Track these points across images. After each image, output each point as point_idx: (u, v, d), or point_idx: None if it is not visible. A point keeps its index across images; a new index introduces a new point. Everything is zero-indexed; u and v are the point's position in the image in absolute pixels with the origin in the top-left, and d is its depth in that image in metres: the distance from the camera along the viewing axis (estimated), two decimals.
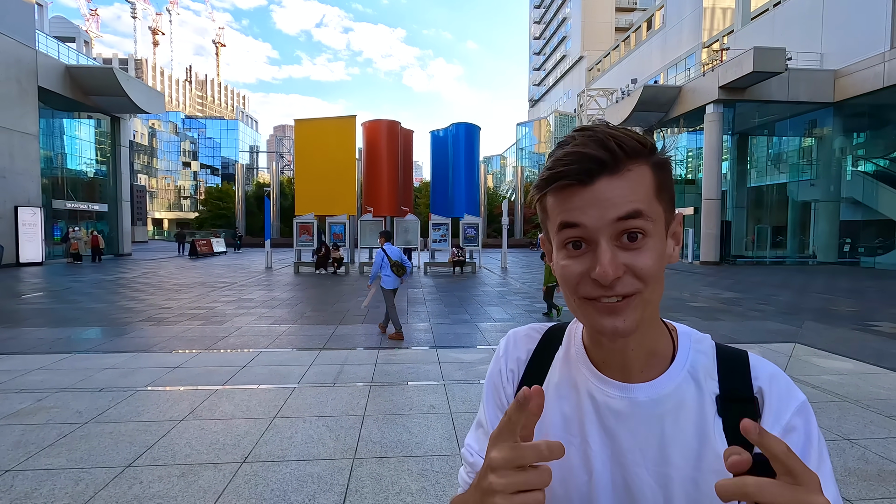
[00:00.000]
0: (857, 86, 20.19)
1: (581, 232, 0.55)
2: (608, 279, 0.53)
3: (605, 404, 0.62)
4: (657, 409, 0.61)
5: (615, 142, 0.54)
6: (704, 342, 0.66)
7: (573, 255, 0.57)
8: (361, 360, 5.77)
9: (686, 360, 0.63)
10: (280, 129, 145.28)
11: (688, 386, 0.61)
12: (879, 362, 5.64)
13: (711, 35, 37.07)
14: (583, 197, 0.54)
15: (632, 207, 0.54)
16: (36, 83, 19.91)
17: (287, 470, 3.08)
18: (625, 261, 0.54)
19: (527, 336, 0.75)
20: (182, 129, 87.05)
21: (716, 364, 0.63)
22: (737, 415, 0.58)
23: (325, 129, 19.66)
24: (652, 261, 0.55)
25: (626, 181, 0.54)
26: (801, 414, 0.58)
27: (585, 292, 0.56)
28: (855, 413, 4.07)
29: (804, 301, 10.99)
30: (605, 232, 0.54)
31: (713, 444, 0.58)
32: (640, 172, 0.56)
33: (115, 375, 5.07)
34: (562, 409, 0.66)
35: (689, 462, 0.59)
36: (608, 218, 0.54)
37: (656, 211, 0.57)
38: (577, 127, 0.58)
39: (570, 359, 0.69)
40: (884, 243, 21.77)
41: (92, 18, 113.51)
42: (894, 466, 3.14)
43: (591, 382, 0.64)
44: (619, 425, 0.61)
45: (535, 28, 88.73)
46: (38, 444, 3.41)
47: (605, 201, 0.54)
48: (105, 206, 26.21)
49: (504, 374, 0.73)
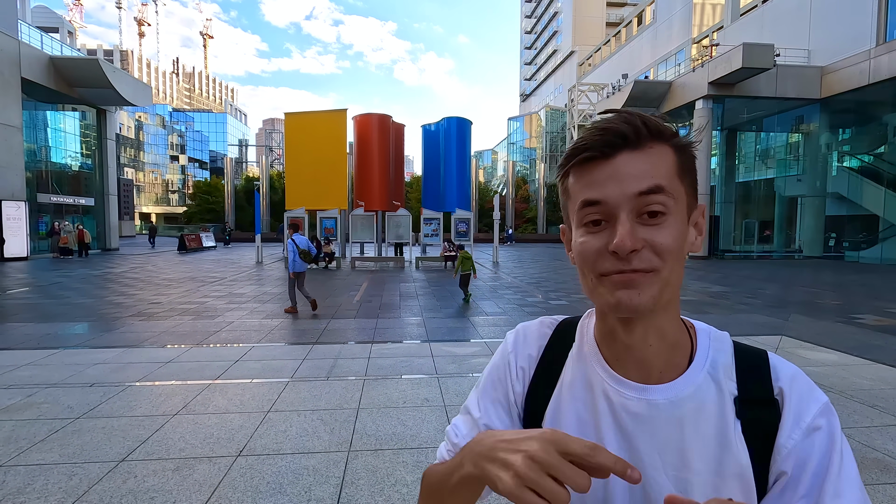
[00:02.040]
0: (844, 82, 20.47)
1: (601, 209, 0.54)
2: (626, 249, 0.52)
3: (621, 405, 0.60)
4: (676, 411, 0.58)
5: (640, 119, 0.55)
6: (724, 341, 0.63)
7: (592, 232, 0.56)
8: (355, 353, 5.78)
9: (706, 359, 0.61)
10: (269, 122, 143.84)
11: (708, 387, 0.59)
12: (863, 354, 5.77)
13: (701, 31, 37.29)
14: (603, 170, 0.54)
15: (653, 182, 0.53)
16: (19, 74, 19.49)
17: (282, 463, 3.10)
18: (644, 235, 0.53)
19: (538, 331, 0.73)
20: (169, 123, 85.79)
21: (734, 364, 0.61)
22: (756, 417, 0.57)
23: (315, 123, 19.51)
24: (672, 238, 0.54)
25: (648, 156, 0.54)
26: (824, 415, 0.56)
27: (603, 268, 0.55)
28: (839, 403, 4.17)
29: (790, 294, 11.18)
30: (625, 206, 0.53)
31: (734, 448, 0.56)
32: (661, 151, 0.55)
33: (106, 371, 5.03)
34: (576, 410, 0.64)
35: (709, 467, 0.57)
36: (628, 192, 0.53)
37: (678, 189, 0.56)
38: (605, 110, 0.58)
39: (584, 356, 0.66)
40: (868, 238, 22.18)
41: (75, 8, 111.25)
42: (876, 454, 3.23)
43: (607, 382, 0.62)
44: (636, 428, 0.59)
45: (527, 22, 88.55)
46: (29, 440, 3.39)
47: (625, 175, 0.53)
48: (91, 200, 25.81)
49: (513, 371, 0.70)
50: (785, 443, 0.55)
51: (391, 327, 7.44)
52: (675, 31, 39.65)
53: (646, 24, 45.90)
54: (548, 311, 9.20)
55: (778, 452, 0.56)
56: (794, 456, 0.55)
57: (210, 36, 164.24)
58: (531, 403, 0.68)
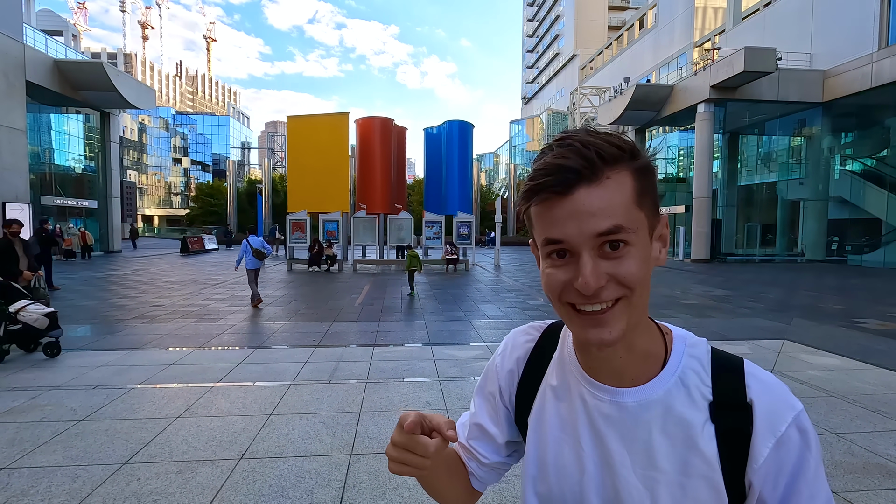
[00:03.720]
0: (846, 86, 20.47)
1: (564, 245, 0.55)
2: (590, 290, 0.53)
3: (595, 407, 0.64)
4: (645, 413, 0.61)
5: (594, 150, 0.54)
6: (699, 347, 0.65)
7: (557, 265, 0.57)
8: (356, 357, 5.79)
9: (678, 365, 0.63)
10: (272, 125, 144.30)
11: (678, 391, 0.61)
12: (865, 358, 5.75)
13: (703, 34, 37.34)
14: (563, 207, 0.54)
15: (611, 223, 0.53)
16: (24, 77, 19.60)
17: (285, 466, 3.10)
18: (607, 270, 0.54)
19: (526, 335, 0.77)
20: (172, 125, 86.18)
21: (710, 370, 0.63)
22: (728, 422, 0.59)
23: (318, 126, 19.57)
24: (635, 268, 0.55)
25: (605, 190, 0.54)
26: (797, 423, 0.58)
27: (569, 298, 0.56)
28: (842, 408, 4.16)
29: (793, 298, 11.15)
30: (586, 245, 0.54)
31: (701, 450, 0.59)
32: (619, 180, 0.55)
33: (109, 373, 5.05)
34: (558, 411, 0.68)
35: (675, 467, 0.59)
36: (588, 233, 0.53)
37: (637, 219, 0.56)
38: (556, 136, 0.58)
39: (564, 361, 0.70)
40: (870, 241, 22.12)
41: (80, 12, 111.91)
42: (879, 459, 3.22)
43: (583, 386, 0.66)
44: (607, 428, 0.63)
45: (529, 26, 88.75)
46: (33, 442, 3.40)
47: (584, 214, 0.53)
48: (94, 203, 25.89)
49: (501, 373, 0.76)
50: (760, 451, 0.57)
51: (393, 330, 7.44)
52: (677, 35, 39.69)
53: (647, 27, 45.96)
54: (549, 314, 9.18)
55: (754, 460, 0.57)
56: (767, 465, 0.57)
57: (213, 39, 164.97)
58: (520, 403, 0.74)
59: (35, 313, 5.54)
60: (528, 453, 0.71)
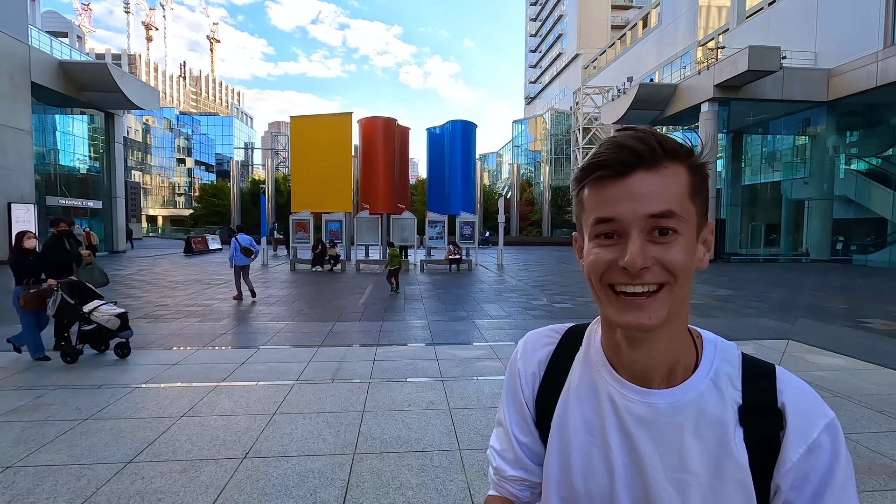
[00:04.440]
0: (851, 85, 20.35)
1: (614, 226, 0.56)
2: (636, 267, 0.54)
3: (624, 408, 0.62)
4: (677, 416, 0.60)
5: (656, 140, 0.56)
6: (730, 351, 0.65)
7: (604, 245, 0.57)
8: (359, 356, 5.80)
9: (710, 368, 0.63)
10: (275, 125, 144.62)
11: (710, 394, 0.61)
12: (871, 358, 5.72)
13: (707, 33, 37.21)
14: (618, 189, 0.55)
15: (665, 207, 0.54)
16: (29, 78, 19.72)
17: (288, 465, 3.11)
18: (654, 254, 0.54)
19: (546, 337, 0.75)
20: (176, 126, 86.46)
21: (741, 374, 0.62)
22: (759, 426, 0.59)
23: (321, 126, 19.61)
24: (682, 256, 0.55)
25: (662, 178, 0.55)
26: (829, 432, 0.57)
27: (611, 278, 0.56)
28: (847, 408, 4.13)
29: (797, 298, 11.10)
30: (636, 225, 0.55)
31: (733, 454, 0.58)
32: (676, 171, 0.56)
33: (114, 372, 5.07)
34: (583, 411, 0.66)
35: (707, 470, 0.59)
36: (641, 213, 0.54)
37: (689, 211, 0.57)
38: (620, 127, 0.60)
39: (590, 361, 0.68)
40: (875, 241, 21.99)
41: (84, 13, 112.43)
42: (885, 460, 3.20)
43: (612, 385, 0.64)
44: (638, 430, 0.61)
45: (532, 25, 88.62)
46: (38, 441, 3.42)
47: (639, 195, 0.54)
48: (99, 203, 26.03)
49: (523, 377, 0.73)
50: (790, 456, 0.57)
51: (396, 330, 7.45)
52: (681, 34, 39.57)
53: (651, 26, 45.85)
54: (552, 314, 9.18)
55: (782, 465, 0.57)
56: (796, 470, 0.57)
57: (217, 40, 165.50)
58: (541, 405, 0.72)
59: (107, 314, 5.57)
60: (551, 457, 0.69)
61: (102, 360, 5.53)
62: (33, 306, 5.44)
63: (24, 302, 5.41)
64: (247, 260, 10.36)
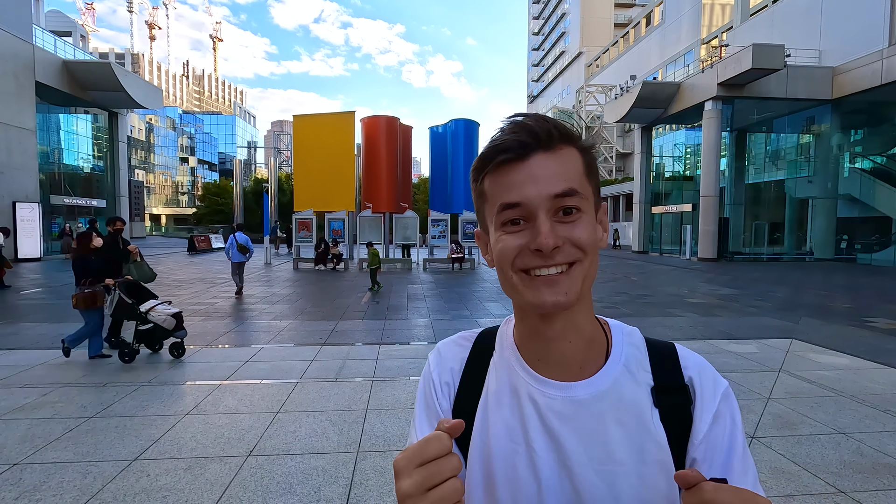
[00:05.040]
0: (855, 83, 20.24)
1: (520, 211, 0.57)
2: (549, 247, 0.55)
3: (546, 407, 0.61)
4: (598, 405, 0.60)
5: (551, 124, 0.58)
6: (635, 335, 0.67)
7: (511, 231, 0.58)
8: (363, 355, 5.81)
9: (621, 353, 0.64)
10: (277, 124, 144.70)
11: (625, 380, 0.62)
12: (875, 358, 5.71)
13: (710, 31, 37.08)
14: (520, 172, 0.56)
15: (567, 186, 0.56)
16: (33, 78, 19.81)
17: (292, 463, 3.13)
18: (562, 233, 0.56)
19: (457, 345, 0.72)
20: (179, 125, 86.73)
21: (647, 356, 0.64)
22: (672, 404, 0.61)
23: (323, 125, 19.63)
24: (587, 233, 0.57)
25: (560, 158, 0.57)
26: (726, 400, 0.61)
27: (524, 263, 0.57)
28: (850, 408, 4.13)
29: (801, 297, 11.06)
30: (542, 207, 0.56)
31: (653, 434, 0.59)
32: (570, 153, 0.58)
33: (118, 370, 5.10)
34: (503, 418, 0.63)
35: (632, 456, 0.59)
36: (545, 194, 0.56)
37: (588, 190, 0.59)
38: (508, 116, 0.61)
39: (506, 362, 0.66)
40: (880, 240, 21.89)
41: (88, 12, 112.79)
42: (888, 459, 3.20)
43: (531, 385, 0.62)
44: (562, 427, 0.60)
45: (534, 24, 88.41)
46: (44, 438, 3.45)
47: (540, 178, 0.56)
48: (103, 202, 26.14)
49: (438, 388, 0.69)
50: (700, 428, 0.59)
51: (399, 329, 7.46)
52: (684, 32, 39.43)
53: (654, 24, 45.69)
54: None
55: (695, 437, 0.59)
56: (707, 441, 0.59)
57: (220, 39, 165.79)
58: (459, 416, 0.67)
59: (163, 313, 5.60)
60: (472, 471, 0.63)
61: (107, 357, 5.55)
62: (84, 305, 5.49)
63: (76, 301, 5.48)
64: (242, 257, 11.03)
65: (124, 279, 5.77)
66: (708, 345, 6.30)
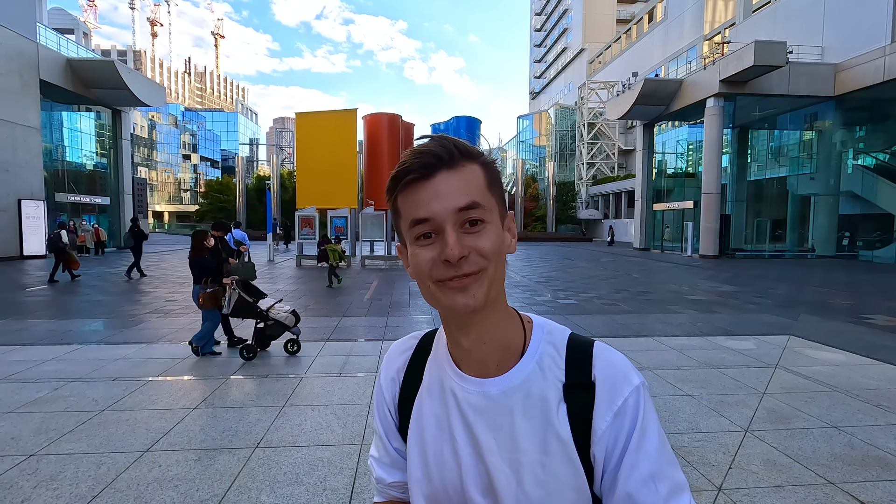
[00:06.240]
0: (858, 80, 20.21)
1: (429, 225, 0.62)
2: (455, 257, 0.60)
3: (465, 400, 0.68)
4: (508, 400, 0.66)
5: (451, 143, 0.63)
6: (556, 334, 0.72)
7: (424, 245, 0.63)
8: (366, 351, 5.91)
9: (536, 352, 0.69)
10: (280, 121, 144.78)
11: (535, 376, 0.67)
12: (871, 354, 5.78)
13: (713, 27, 36.97)
14: (427, 190, 0.62)
15: (469, 199, 0.61)
16: (38, 76, 19.92)
17: (298, 455, 3.23)
18: (468, 243, 0.61)
19: (404, 345, 0.81)
20: (182, 122, 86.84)
21: (564, 354, 0.69)
22: (577, 400, 0.65)
23: (326, 123, 19.71)
24: (491, 242, 0.62)
25: (462, 175, 0.62)
26: (633, 396, 0.64)
27: (437, 275, 0.62)
28: (844, 402, 4.21)
29: (801, 294, 11.12)
30: (449, 220, 0.61)
31: (556, 429, 0.64)
32: (472, 169, 0.64)
33: (128, 365, 5.21)
34: (434, 409, 0.72)
35: (536, 447, 0.65)
36: (450, 208, 0.61)
37: (490, 201, 0.64)
38: (420, 136, 0.68)
39: (437, 360, 0.74)
40: (882, 237, 21.89)
41: (90, 9, 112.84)
42: (878, 452, 3.28)
43: (454, 381, 0.70)
44: (476, 419, 0.67)
45: (536, 20, 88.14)
46: (58, 430, 3.56)
47: (445, 193, 0.61)
48: (107, 200, 26.29)
49: (385, 384, 0.80)
50: (599, 425, 0.64)
51: (401, 325, 7.56)
52: (687, 29, 39.33)
53: (657, 21, 45.55)
54: (556, 310, 9.26)
55: (594, 434, 0.64)
56: (606, 437, 0.63)
57: (221, 36, 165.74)
58: (402, 408, 0.77)
59: (282, 311, 5.72)
60: (412, 457, 0.73)
61: (115, 353, 5.66)
62: (211, 304, 5.63)
63: (204, 300, 5.60)
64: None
65: (241, 279, 5.89)
66: (706, 341, 6.38)
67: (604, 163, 55.41)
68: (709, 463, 3.13)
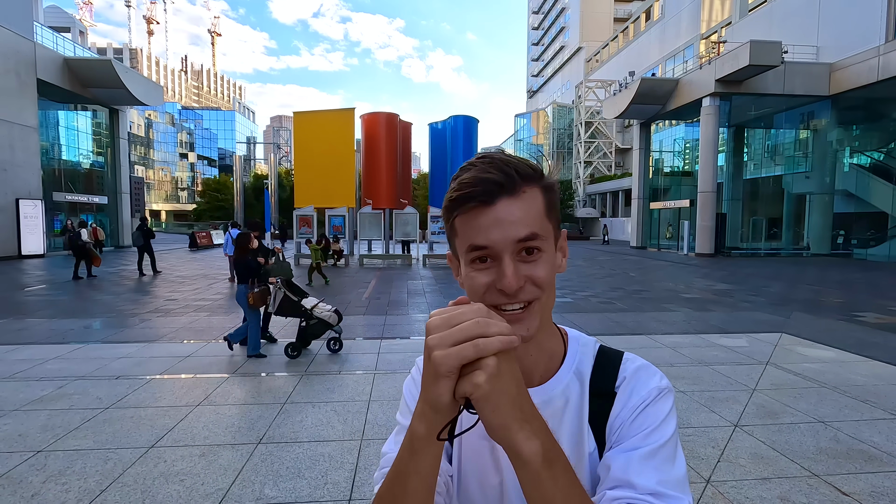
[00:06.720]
0: (853, 79, 20.35)
1: (487, 252, 0.62)
2: (512, 289, 0.61)
3: None
4: (549, 408, 0.68)
5: (513, 167, 0.63)
6: (589, 345, 0.75)
7: (480, 269, 0.63)
8: (365, 349, 6.00)
9: (574, 362, 0.73)
10: (277, 119, 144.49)
11: (573, 385, 0.71)
12: (860, 351, 5.90)
13: (709, 26, 37.09)
14: (487, 216, 0.61)
15: (529, 231, 0.61)
16: (35, 75, 19.90)
17: (300, 450, 3.32)
18: (524, 272, 0.62)
19: None
20: (178, 120, 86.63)
21: (593, 364, 0.73)
22: (598, 407, 0.69)
23: (323, 122, 19.77)
24: (545, 272, 0.63)
25: (522, 202, 0.62)
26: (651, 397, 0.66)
27: (492, 300, 0.63)
28: (832, 398, 4.32)
29: (795, 292, 11.26)
30: (507, 250, 0.61)
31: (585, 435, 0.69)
32: (532, 194, 0.64)
33: (130, 364, 5.29)
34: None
35: (573, 453, 0.67)
36: (510, 238, 0.61)
37: (547, 229, 0.65)
38: (477, 154, 0.67)
39: None
40: (876, 235, 22.08)
41: (85, 7, 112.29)
42: (862, 446, 3.39)
43: None
44: None
45: (534, 18, 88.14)
46: (64, 427, 3.64)
47: (505, 222, 0.61)
48: (105, 199, 26.26)
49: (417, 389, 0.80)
50: (613, 423, 0.67)
51: (399, 324, 7.65)
52: (684, 28, 39.45)
53: (654, 19, 45.66)
54: (553, 309, 9.35)
55: (610, 432, 0.68)
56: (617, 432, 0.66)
57: (218, 34, 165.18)
58: None
59: (325, 310, 5.80)
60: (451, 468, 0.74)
61: (118, 352, 5.73)
62: (262, 303, 5.72)
63: (253, 300, 5.67)
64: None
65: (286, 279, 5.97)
66: (700, 339, 6.50)
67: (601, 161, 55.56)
68: (698, 457, 3.23)
